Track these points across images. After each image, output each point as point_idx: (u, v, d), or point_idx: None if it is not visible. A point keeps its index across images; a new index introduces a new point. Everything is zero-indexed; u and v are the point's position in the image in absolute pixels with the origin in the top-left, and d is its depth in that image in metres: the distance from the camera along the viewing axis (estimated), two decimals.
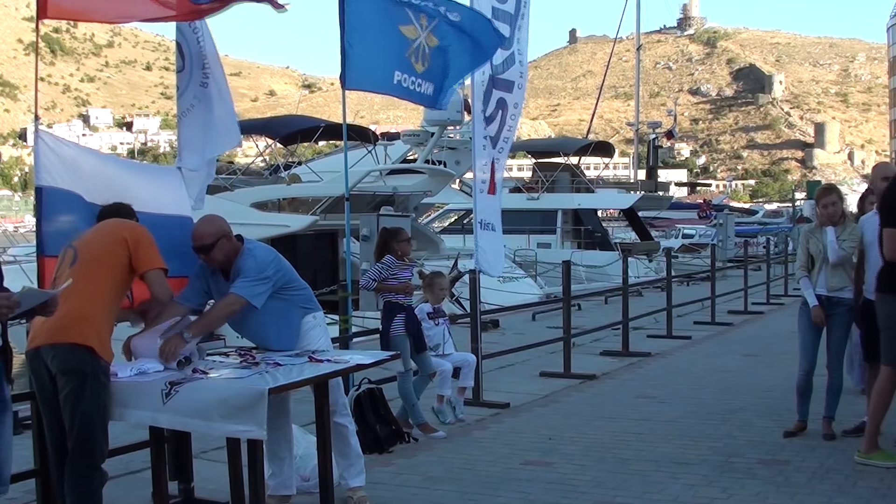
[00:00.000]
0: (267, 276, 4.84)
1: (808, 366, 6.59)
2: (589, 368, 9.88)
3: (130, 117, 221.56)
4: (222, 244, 4.84)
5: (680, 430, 6.96)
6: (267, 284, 4.84)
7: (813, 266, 6.56)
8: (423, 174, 20.86)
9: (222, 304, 4.76)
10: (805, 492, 5.33)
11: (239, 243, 4.92)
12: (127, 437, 5.67)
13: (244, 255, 4.87)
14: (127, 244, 4.38)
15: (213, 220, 4.93)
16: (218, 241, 4.82)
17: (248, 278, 4.76)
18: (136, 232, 4.50)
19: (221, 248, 4.84)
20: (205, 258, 4.88)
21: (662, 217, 43.98)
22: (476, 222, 8.16)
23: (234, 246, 4.89)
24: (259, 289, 4.78)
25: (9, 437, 3.67)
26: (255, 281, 4.77)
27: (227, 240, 4.86)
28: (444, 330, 7.44)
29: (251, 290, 4.75)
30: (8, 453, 3.67)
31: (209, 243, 4.81)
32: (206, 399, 4.11)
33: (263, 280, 4.81)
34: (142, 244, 4.43)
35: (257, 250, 4.93)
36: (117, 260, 4.35)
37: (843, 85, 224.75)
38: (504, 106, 8.30)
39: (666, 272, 14.53)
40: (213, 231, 4.84)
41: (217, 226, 4.89)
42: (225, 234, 4.86)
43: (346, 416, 5.24)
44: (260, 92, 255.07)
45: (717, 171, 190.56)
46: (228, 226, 4.95)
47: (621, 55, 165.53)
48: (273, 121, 26.05)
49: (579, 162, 32.92)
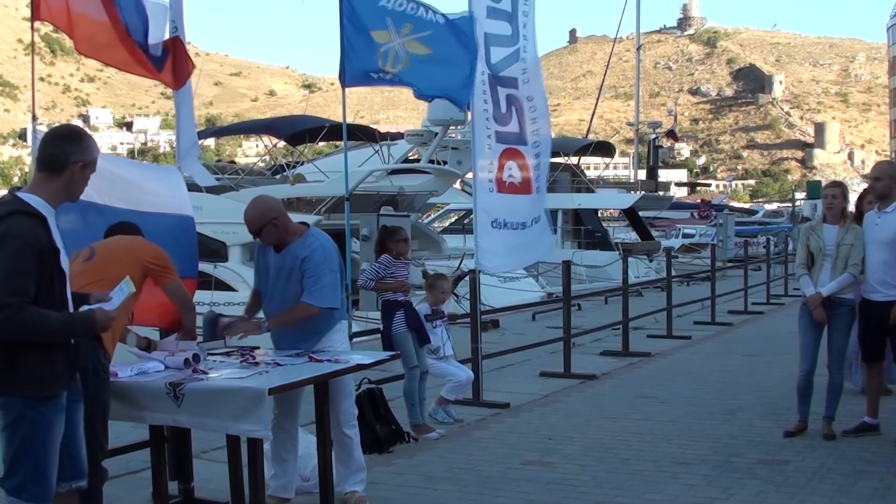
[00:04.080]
0: (334, 268, 5.00)
1: (808, 366, 6.59)
2: (589, 368, 9.87)
3: (130, 117, 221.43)
4: (269, 230, 4.96)
5: (680, 430, 6.96)
6: (336, 276, 5.00)
7: (813, 264, 6.56)
8: (428, 174, 20.83)
9: (302, 311, 4.92)
10: (805, 492, 5.33)
11: (298, 225, 5.07)
12: (127, 437, 5.67)
13: (307, 240, 4.98)
14: (147, 267, 4.58)
15: (258, 205, 5.06)
16: (263, 228, 4.95)
17: (318, 282, 4.89)
18: (156, 255, 4.68)
19: (269, 232, 4.97)
20: (258, 239, 5.06)
21: (663, 217, 43.97)
22: (478, 221, 8.10)
23: (283, 227, 5.00)
24: (331, 293, 4.95)
25: (82, 425, 3.74)
26: (326, 286, 4.91)
27: (272, 226, 4.96)
28: (441, 331, 7.40)
29: (324, 299, 4.91)
30: (83, 442, 3.74)
31: (255, 230, 4.97)
32: (214, 400, 4.11)
33: (332, 272, 4.96)
34: (165, 267, 4.68)
35: (322, 237, 5.07)
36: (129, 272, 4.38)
37: (843, 85, 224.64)
38: (516, 102, 8.24)
39: (666, 272, 14.53)
40: (257, 216, 4.97)
41: (261, 211, 5.00)
42: (269, 220, 4.95)
43: (353, 428, 5.21)
44: (260, 92, 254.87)
45: (717, 171, 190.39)
46: (277, 206, 5.06)
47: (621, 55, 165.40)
48: (278, 121, 26.04)
49: (579, 162, 32.90)
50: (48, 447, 3.41)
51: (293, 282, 4.98)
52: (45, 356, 3.37)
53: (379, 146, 20.81)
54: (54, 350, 3.40)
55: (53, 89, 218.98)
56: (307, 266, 4.91)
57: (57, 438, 3.45)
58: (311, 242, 4.98)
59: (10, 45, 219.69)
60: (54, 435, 3.43)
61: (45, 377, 3.38)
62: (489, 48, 8.00)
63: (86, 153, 3.52)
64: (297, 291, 4.98)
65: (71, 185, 3.52)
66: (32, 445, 3.37)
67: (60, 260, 3.43)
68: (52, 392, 3.41)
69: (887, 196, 6.40)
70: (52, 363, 3.40)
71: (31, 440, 3.37)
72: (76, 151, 3.49)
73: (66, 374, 3.48)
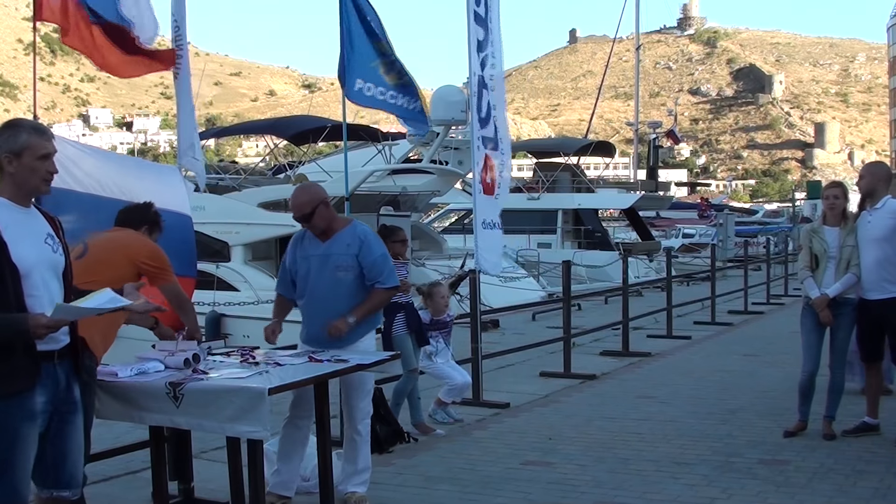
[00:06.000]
0: (386, 251, 5.19)
1: (811, 366, 6.58)
2: (589, 368, 9.88)
3: (130, 117, 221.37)
4: (321, 211, 5.01)
5: (680, 430, 6.96)
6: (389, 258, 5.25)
7: (817, 266, 6.55)
8: (431, 174, 20.83)
9: (381, 296, 5.15)
10: (805, 492, 5.33)
11: (335, 212, 5.17)
12: (127, 437, 5.68)
13: (356, 227, 5.11)
14: (142, 267, 4.55)
15: (307, 189, 5.15)
16: (317, 208, 5.00)
17: (384, 266, 5.11)
18: (152, 255, 4.64)
19: (321, 214, 5.02)
20: (306, 226, 5.09)
21: (663, 217, 44.00)
22: (476, 222, 8.16)
23: (332, 212, 5.09)
24: (394, 272, 5.22)
25: (79, 439, 3.64)
26: (389, 267, 5.15)
27: (325, 206, 5.03)
28: (439, 342, 7.26)
29: (393, 278, 5.17)
30: (79, 455, 3.65)
31: (308, 212, 5.00)
32: (213, 400, 4.10)
33: (386, 254, 5.18)
34: (161, 268, 4.65)
35: (367, 226, 5.21)
36: (123, 273, 4.37)
37: (843, 85, 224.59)
38: (491, 106, 8.38)
39: (666, 272, 14.53)
40: (308, 199, 5.02)
41: (312, 193, 5.08)
42: (322, 199, 5.03)
43: (366, 427, 5.22)
44: (260, 92, 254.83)
45: (717, 171, 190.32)
46: (324, 192, 5.14)
47: (621, 55, 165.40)
48: (280, 121, 26.05)
49: (579, 162, 32.92)
50: (12, 450, 3.31)
51: (343, 269, 5.03)
52: (1, 351, 3.26)
53: (382, 146, 20.81)
54: (12, 343, 3.28)
55: (53, 89, 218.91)
56: (365, 251, 5.03)
57: (24, 443, 3.34)
58: (363, 229, 5.14)
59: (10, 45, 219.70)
60: (20, 439, 3.32)
61: (3, 373, 3.27)
62: (478, 53, 8.16)
63: (10, 142, 3.42)
64: (348, 279, 5.03)
65: (15, 178, 3.42)
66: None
67: (9, 254, 3.29)
68: (14, 388, 3.30)
69: (873, 193, 6.43)
70: (12, 357, 3.28)
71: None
72: (1, 144, 3.42)
73: (28, 368, 3.33)
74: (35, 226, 3.49)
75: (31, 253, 3.39)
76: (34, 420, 3.39)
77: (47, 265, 3.46)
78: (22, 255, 3.34)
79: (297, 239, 5.23)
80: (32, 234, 3.45)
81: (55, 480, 3.56)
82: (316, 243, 5.10)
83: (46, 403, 3.44)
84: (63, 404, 3.53)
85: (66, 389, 3.55)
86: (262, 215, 18.18)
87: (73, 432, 3.60)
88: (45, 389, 3.43)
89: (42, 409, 3.42)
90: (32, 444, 3.40)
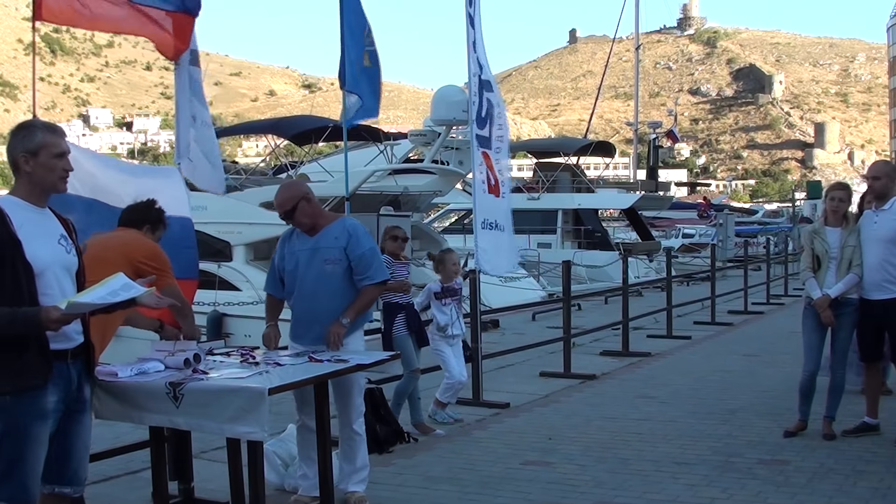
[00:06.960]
0: (374, 245, 5.19)
1: (813, 367, 6.58)
2: (589, 368, 9.88)
3: (130, 117, 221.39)
4: (303, 207, 5.01)
5: (680, 430, 6.96)
6: (378, 251, 5.26)
7: (819, 266, 6.54)
8: (433, 174, 20.83)
9: (371, 293, 5.14)
10: (805, 492, 5.33)
11: (321, 208, 5.19)
12: (127, 437, 5.68)
13: (345, 221, 5.13)
14: (140, 268, 4.55)
15: (288, 186, 5.18)
16: (298, 205, 5.00)
17: (372, 261, 5.08)
18: (151, 255, 4.66)
19: (303, 210, 5.02)
20: (291, 222, 5.11)
21: (663, 217, 43.96)
22: (476, 222, 8.16)
23: (316, 207, 5.10)
24: (383, 266, 5.23)
25: (87, 437, 3.67)
26: (377, 261, 5.13)
27: (306, 201, 5.03)
28: (452, 310, 7.26)
29: (383, 272, 5.16)
30: (84, 453, 3.68)
31: (290, 208, 5.00)
32: (213, 401, 4.10)
33: (374, 247, 5.18)
34: (161, 269, 4.65)
35: (356, 220, 5.22)
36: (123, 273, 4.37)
37: (843, 85, 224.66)
38: (491, 106, 8.38)
39: (666, 272, 14.53)
40: (290, 196, 5.04)
41: (293, 189, 5.10)
42: (303, 195, 5.04)
43: (362, 425, 5.23)
44: (260, 92, 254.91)
45: (717, 171, 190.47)
46: (306, 186, 5.17)
47: (621, 55, 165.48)
48: (282, 121, 26.04)
49: (579, 162, 32.90)
50: (23, 447, 3.32)
51: (331, 262, 5.03)
52: (14, 347, 3.28)
53: (383, 146, 20.81)
54: (25, 340, 3.29)
55: (53, 89, 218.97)
56: (353, 244, 5.02)
57: (35, 442, 3.35)
58: (350, 223, 5.15)
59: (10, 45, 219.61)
60: (31, 437, 3.34)
61: (15, 369, 3.28)
62: (474, 54, 8.19)
63: (26, 142, 3.45)
64: (334, 273, 5.03)
65: (33, 177, 3.45)
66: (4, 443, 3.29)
67: (24, 252, 3.31)
68: (25, 384, 3.31)
69: (885, 195, 6.40)
70: (24, 354, 3.30)
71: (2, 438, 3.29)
72: (17, 144, 3.45)
73: (40, 366, 3.35)
74: (49, 226, 3.52)
75: (46, 252, 3.42)
76: (46, 419, 3.41)
77: (61, 265, 3.49)
78: (36, 254, 3.37)
79: (286, 236, 5.25)
80: (46, 234, 3.48)
81: (58, 476, 3.57)
82: (304, 238, 5.12)
83: (58, 403, 3.46)
84: (74, 403, 3.56)
85: (78, 389, 3.58)
86: (263, 215, 18.17)
87: (81, 430, 3.64)
88: (58, 388, 3.45)
89: (54, 408, 3.44)
90: (43, 444, 3.42)
